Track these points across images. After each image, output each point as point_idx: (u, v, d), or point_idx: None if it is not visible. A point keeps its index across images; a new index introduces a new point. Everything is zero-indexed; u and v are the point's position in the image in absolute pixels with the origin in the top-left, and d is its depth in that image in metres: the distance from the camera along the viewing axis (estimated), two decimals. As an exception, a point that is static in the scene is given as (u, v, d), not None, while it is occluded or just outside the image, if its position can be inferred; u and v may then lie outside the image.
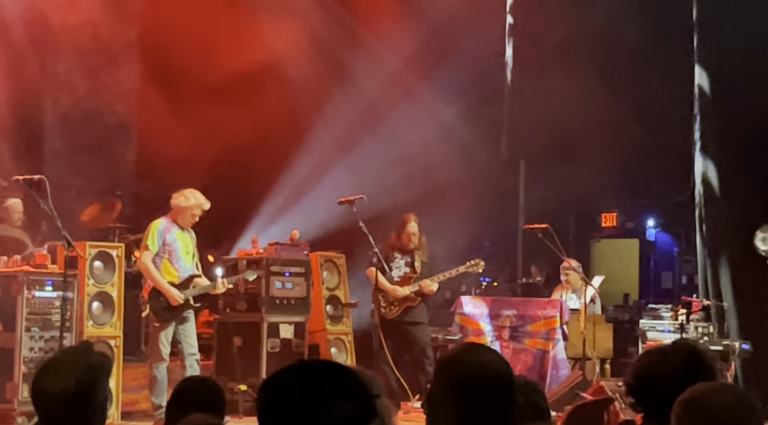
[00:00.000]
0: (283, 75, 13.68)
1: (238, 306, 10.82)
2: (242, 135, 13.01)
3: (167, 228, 9.41)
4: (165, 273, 9.37)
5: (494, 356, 2.94)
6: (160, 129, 13.56)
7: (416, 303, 10.33)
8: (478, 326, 11.21)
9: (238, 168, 13.25)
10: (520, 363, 10.88)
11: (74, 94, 13.78)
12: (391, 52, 13.61)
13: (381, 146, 13.38)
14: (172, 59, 13.04)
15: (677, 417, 3.04)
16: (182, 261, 9.46)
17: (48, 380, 3.49)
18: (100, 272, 9.73)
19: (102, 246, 9.98)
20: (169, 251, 9.39)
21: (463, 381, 2.83)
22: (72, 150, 13.88)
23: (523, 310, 11.09)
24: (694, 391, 3.07)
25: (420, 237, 10.46)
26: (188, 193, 9.50)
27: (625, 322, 13.25)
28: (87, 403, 3.47)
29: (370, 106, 13.47)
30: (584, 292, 10.94)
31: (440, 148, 13.53)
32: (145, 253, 9.37)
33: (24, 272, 9.26)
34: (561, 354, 10.82)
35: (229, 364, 10.54)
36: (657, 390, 3.37)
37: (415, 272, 10.37)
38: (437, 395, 2.88)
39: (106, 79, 14.13)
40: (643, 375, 3.51)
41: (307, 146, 13.59)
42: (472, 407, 2.80)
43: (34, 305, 9.23)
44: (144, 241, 9.46)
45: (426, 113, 13.59)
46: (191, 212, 9.45)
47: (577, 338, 10.66)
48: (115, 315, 9.78)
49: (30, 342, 9.12)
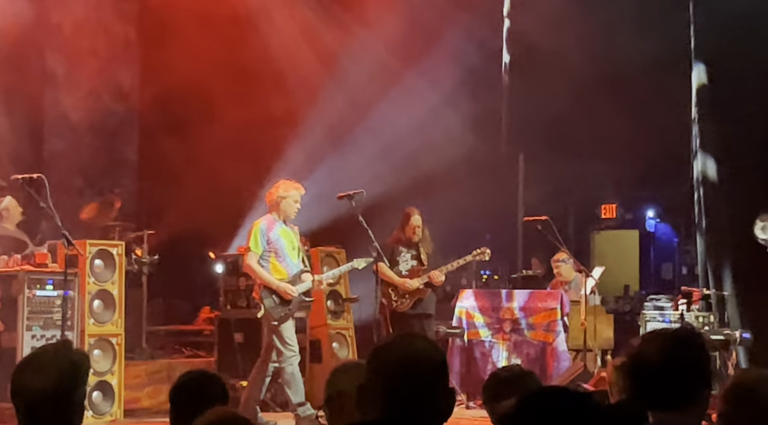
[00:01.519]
0: (278, 67, 13.70)
1: (239, 303, 10.85)
2: (235, 129, 13.06)
3: (269, 227, 9.21)
4: (273, 272, 9.17)
5: (427, 344, 2.97)
6: (160, 127, 13.61)
7: (426, 295, 10.36)
8: (479, 319, 11.23)
9: (234, 162, 13.23)
10: (521, 356, 10.91)
11: (74, 94, 13.81)
12: (382, 41, 13.58)
13: (375, 138, 13.38)
14: (171, 58, 13.07)
15: (724, 403, 3.04)
16: (289, 258, 9.25)
17: (28, 376, 3.50)
18: (100, 270, 9.74)
19: (102, 244, 9.98)
20: (275, 250, 9.19)
21: (392, 367, 2.86)
22: (72, 149, 13.92)
23: (524, 302, 11.11)
24: (742, 378, 3.07)
25: (423, 230, 10.47)
26: (281, 184, 9.34)
27: (625, 313, 13.28)
28: (67, 400, 3.48)
29: (363, 97, 13.47)
30: (584, 283, 10.96)
31: (439, 141, 13.55)
32: (250, 254, 9.15)
33: (24, 271, 9.29)
34: (562, 346, 10.84)
35: (231, 360, 10.57)
36: (647, 371, 3.35)
37: (422, 265, 10.38)
38: (367, 383, 2.91)
39: (106, 78, 14.16)
40: (637, 355, 3.48)
41: (300, 139, 13.57)
42: (398, 392, 2.82)
43: (35, 304, 9.26)
44: (247, 243, 9.28)
45: (423, 106, 13.58)
46: (292, 200, 9.24)
47: (578, 329, 10.68)
48: (116, 313, 9.79)
49: (31, 342, 9.13)
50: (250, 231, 9.27)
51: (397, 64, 13.59)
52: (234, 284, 11.00)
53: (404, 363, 2.85)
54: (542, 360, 10.83)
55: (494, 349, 11.10)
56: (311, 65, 13.77)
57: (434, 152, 13.45)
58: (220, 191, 12.95)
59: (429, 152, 13.45)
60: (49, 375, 3.46)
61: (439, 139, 13.57)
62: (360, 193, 9.51)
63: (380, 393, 2.85)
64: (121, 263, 9.92)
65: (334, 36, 13.86)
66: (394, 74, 13.56)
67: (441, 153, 13.43)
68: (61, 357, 3.55)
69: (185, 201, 13.01)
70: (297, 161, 12.94)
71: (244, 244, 9.52)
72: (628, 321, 12.62)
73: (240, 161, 13.21)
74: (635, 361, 3.36)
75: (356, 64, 13.54)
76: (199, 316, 13.41)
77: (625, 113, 13.27)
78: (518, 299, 11.20)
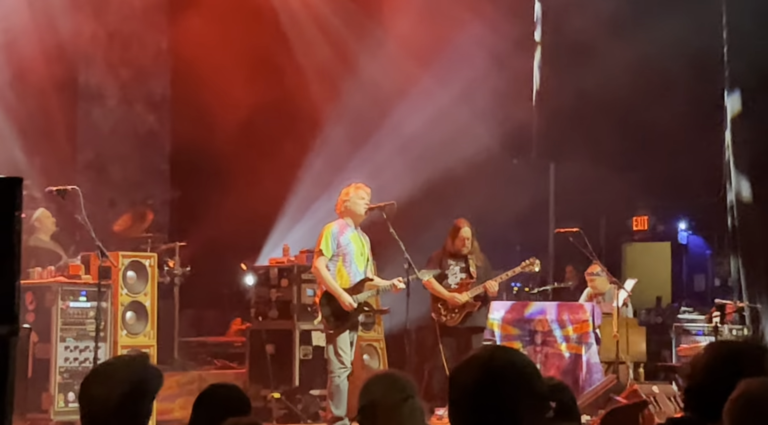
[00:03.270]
0: (309, 78, 13.75)
1: (270, 314, 10.87)
2: (267, 140, 13.12)
3: (341, 231, 9.16)
4: (338, 277, 9.12)
5: (520, 356, 2.90)
6: (191, 138, 13.67)
7: (476, 308, 10.27)
8: (510, 331, 11.18)
9: (264, 173, 13.28)
10: (553, 368, 10.85)
11: (107, 104, 13.91)
12: (410, 54, 13.58)
13: (405, 150, 13.37)
14: (202, 68, 13.15)
15: (731, 413, 2.99)
16: (355, 265, 9.18)
17: (96, 385, 3.51)
18: (133, 281, 9.78)
19: (135, 256, 10.02)
20: (344, 254, 9.13)
21: (490, 380, 2.78)
22: (105, 160, 14.01)
23: (555, 314, 11.06)
24: (750, 387, 3.02)
25: (473, 242, 10.40)
26: (343, 190, 9.34)
27: (658, 325, 13.18)
28: (130, 414, 3.47)
29: (392, 109, 13.48)
30: (616, 295, 10.89)
31: (469, 152, 13.51)
32: (320, 258, 9.08)
33: (58, 282, 9.34)
34: (594, 358, 10.78)
35: (262, 372, 10.58)
36: (716, 387, 3.27)
37: (471, 278, 10.28)
38: (453, 404, 2.84)
39: (138, 88, 14.25)
40: (704, 370, 3.41)
41: (323, 148, 13.58)
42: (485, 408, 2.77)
43: (69, 316, 9.31)
44: (317, 246, 9.20)
45: (453, 118, 13.55)
46: (357, 198, 9.19)
47: (610, 341, 10.61)
48: (148, 325, 9.82)
49: (65, 353, 9.20)
50: (321, 234, 9.21)
51: (430, 81, 13.58)
52: (265, 295, 11.01)
53: (485, 379, 2.77)
54: (574, 373, 10.77)
55: (526, 361, 11.04)
56: (342, 79, 13.80)
57: (464, 162, 13.42)
58: (251, 202, 12.99)
59: (459, 162, 13.42)
60: (116, 387, 3.46)
61: (469, 150, 13.53)
62: (391, 204, 9.50)
63: (467, 411, 2.79)
64: (153, 275, 9.95)
65: (358, 40, 13.90)
66: (426, 91, 13.54)
67: (471, 164, 13.40)
68: (132, 370, 3.56)
69: (216, 212, 13.06)
70: (327, 177, 12.95)
71: (314, 247, 9.41)
72: (660, 332, 12.54)
73: (270, 172, 13.25)
74: (707, 377, 3.31)
75: (384, 77, 13.55)
76: (231, 327, 13.44)
77: (656, 124, 13.21)
78: (549, 311, 11.15)
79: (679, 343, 11.62)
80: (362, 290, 9.18)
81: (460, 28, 13.48)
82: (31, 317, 9.26)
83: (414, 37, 13.39)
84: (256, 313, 10.96)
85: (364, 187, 9.33)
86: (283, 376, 10.39)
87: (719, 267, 15.35)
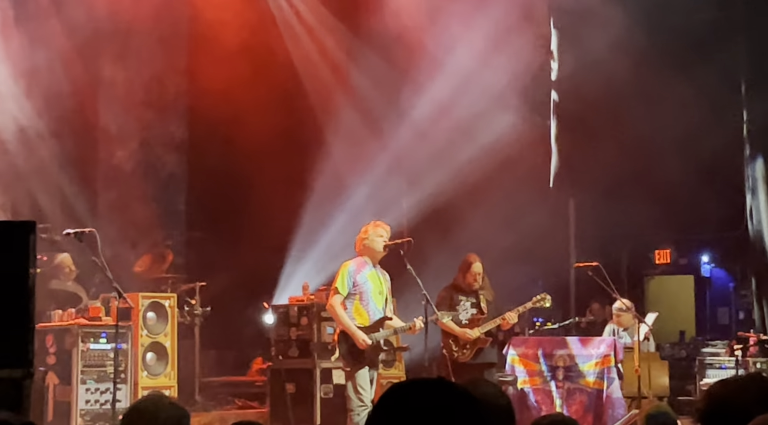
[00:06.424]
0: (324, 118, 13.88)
1: (290, 353, 10.85)
2: (283, 181, 13.20)
3: (358, 269, 9.14)
4: (355, 315, 9.07)
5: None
6: (208, 178, 13.75)
7: (487, 344, 10.23)
8: (532, 366, 11.13)
9: (281, 212, 13.34)
10: (575, 403, 10.79)
11: (127, 146, 13.99)
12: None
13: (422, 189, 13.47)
14: (217, 108, 13.25)
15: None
16: (373, 303, 9.14)
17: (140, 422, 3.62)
18: (153, 322, 9.82)
19: (154, 297, 10.06)
20: (360, 293, 9.08)
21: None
22: (126, 201, 14.07)
23: (577, 349, 11.00)
24: (761, 420, 3.00)
25: (484, 277, 10.37)
26: (369, 226, 9.32)
27: (681, 359, 13.08)
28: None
29: (409, 161, 13.63)
30: (637, 330, 10.82)
31: (490, 185, 13.54)
32: (335, 296, 9.04)
33: (78, 324, 9.37)
34: (617, 393, 10.71)
35: (283, 411, 10.56)
36: (729, 420, 3.26)
37: (482, 313, 10.23)
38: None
39: (157, 130, 14.34)
40: (716, 403, 3.40)
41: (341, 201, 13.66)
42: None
43: (89, 358, 9.33)
44: (333, 283, 9.21)
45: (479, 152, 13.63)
46: (375, 235, 9.19)
47: (632, 376, 10.54)
48: (168, 365, 9.85)
49: (86, 395, 9.22)
50: (338, 272, 9.20)
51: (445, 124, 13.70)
52: (285, 334, 11.00)
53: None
54: (597, 408, 10.70)
55: (548, 397, 10.99)
56: (366, 140, 13.93)
57: (487, 197, 13.46)
58: (266, 240, 13.04)
59: (481, 196, 13.46)
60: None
61: (490, 182, 13.58)
62: (408, 241, 9.49)
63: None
64: (173, 315, 9.98)
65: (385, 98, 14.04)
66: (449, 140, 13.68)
67: (491, 198, 13.43)
68: (170, 413, 3.62)
69: (234, 252, 13.11)
70: (341, 222, 13.00)
71: (331, 284, 9.45)
72: (685, 366, 12.44)
73: (288, 211, 13.31)
74: (719, 410, 3.29)
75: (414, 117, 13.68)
76: (252, 367, 13.43)
77: (678, 157, 13.18)
78: (571, 346, 11.09)
79: (703, 377, 11.54)
80: (380, 328, 9.14)
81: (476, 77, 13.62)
82: (51, 360, 9.30)
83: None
84: (276, 352, 10.95)
85: (383, 225, 9.34)
86: (304, 415, 10.35)
87: (743, 300, 15.25)
